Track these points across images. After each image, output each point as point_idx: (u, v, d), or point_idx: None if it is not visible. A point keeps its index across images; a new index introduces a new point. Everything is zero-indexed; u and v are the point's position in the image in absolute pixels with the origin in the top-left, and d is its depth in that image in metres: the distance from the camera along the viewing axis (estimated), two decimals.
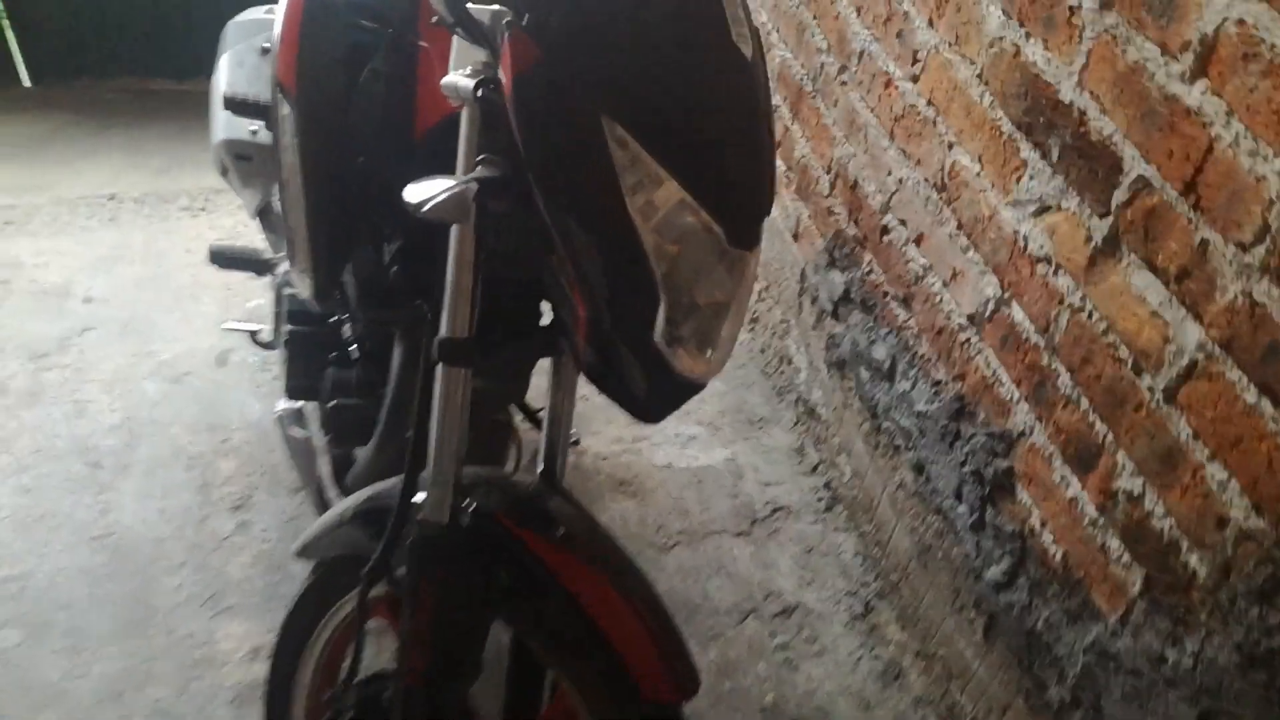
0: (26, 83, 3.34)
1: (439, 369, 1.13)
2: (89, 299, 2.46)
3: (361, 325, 1.56)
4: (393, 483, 1.20)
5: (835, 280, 2.03)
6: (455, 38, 0.98)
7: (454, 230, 1.00)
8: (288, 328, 1.67)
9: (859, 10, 1.86)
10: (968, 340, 1.58)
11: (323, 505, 1.64)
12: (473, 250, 1.06)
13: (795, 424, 2.27)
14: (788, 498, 2.13)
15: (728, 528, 2.06)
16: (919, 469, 1.73)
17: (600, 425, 2.26)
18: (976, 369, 1.55)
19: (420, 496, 1.11)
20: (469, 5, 0.86)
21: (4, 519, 1.94)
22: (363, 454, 1.55)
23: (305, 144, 1.17)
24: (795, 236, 2.21)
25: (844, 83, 1.94)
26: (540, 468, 1.32)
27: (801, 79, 2.11)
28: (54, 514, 1.97)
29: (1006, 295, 1.47)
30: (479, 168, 0.97)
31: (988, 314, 1.52)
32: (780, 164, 2.26)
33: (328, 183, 1.19)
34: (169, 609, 1.81)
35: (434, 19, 0.92)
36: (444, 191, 0.93)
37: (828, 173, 2.04)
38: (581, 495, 2.11)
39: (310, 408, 1.73)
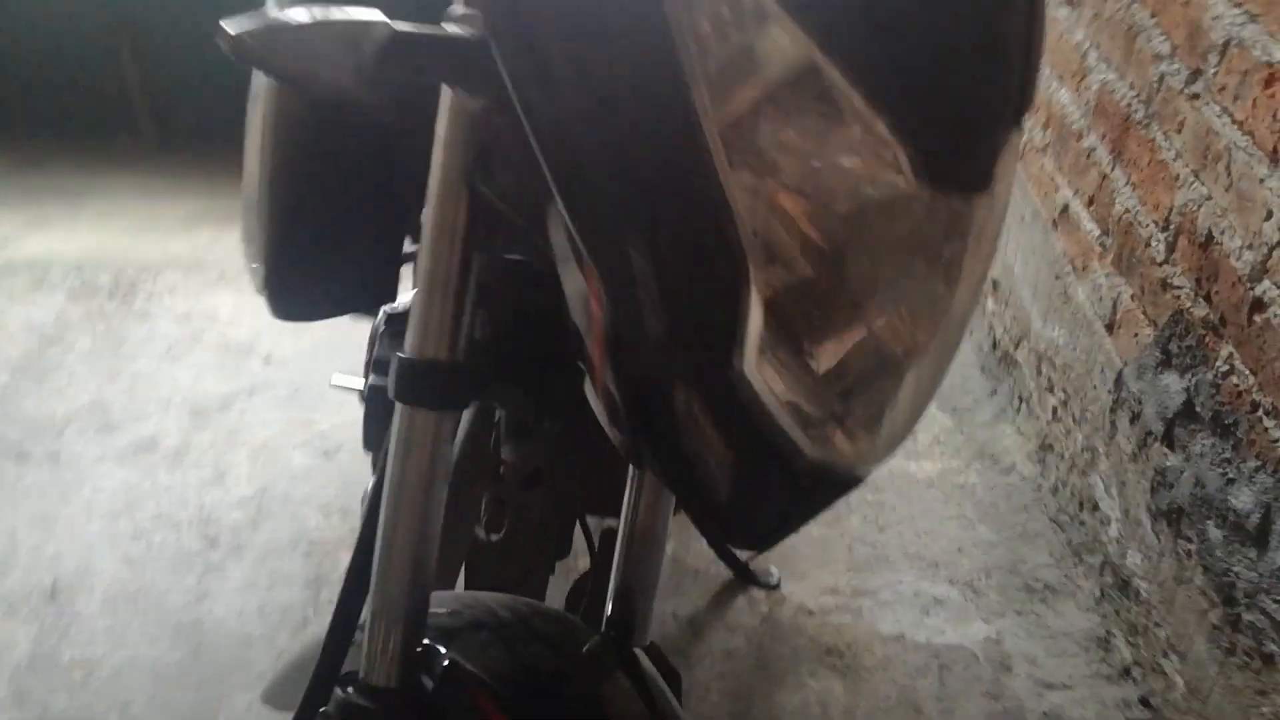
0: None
1: (398, 413, 0.67)
2: (268, 359, 2.25)
3: None
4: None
5: (1171, 387, 1.35)
6: None
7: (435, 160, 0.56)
8: (371, 378, 1.30)
9: None
10: None
11: None
12: (459, 205, 0.61)
13: (1098, 600, 1.56)
14: (1079, 711, 1.42)
15: None
16: None
17: (808, 565, 1.67)
18: None
19: None
20: None
21: (99, 591, 1.68)
22: None
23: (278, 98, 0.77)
24: (1110, 327, 1.54)
25: (1194, 95, 1.31)
26: (608, 612, 0.80)
27: (1129, 104, 1.49)
28: (148, 592, 1.68)
29: None
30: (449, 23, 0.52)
31: None
32: (1092, 225, 1.62)
33: (299, 146, 0.78)
34: None
35: None
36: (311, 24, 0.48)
37: (1164, 229, 1.39)
38: (773, 662, 1.52)
39: None
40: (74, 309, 2.41)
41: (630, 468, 0.79)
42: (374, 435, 1.36)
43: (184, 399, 2.12)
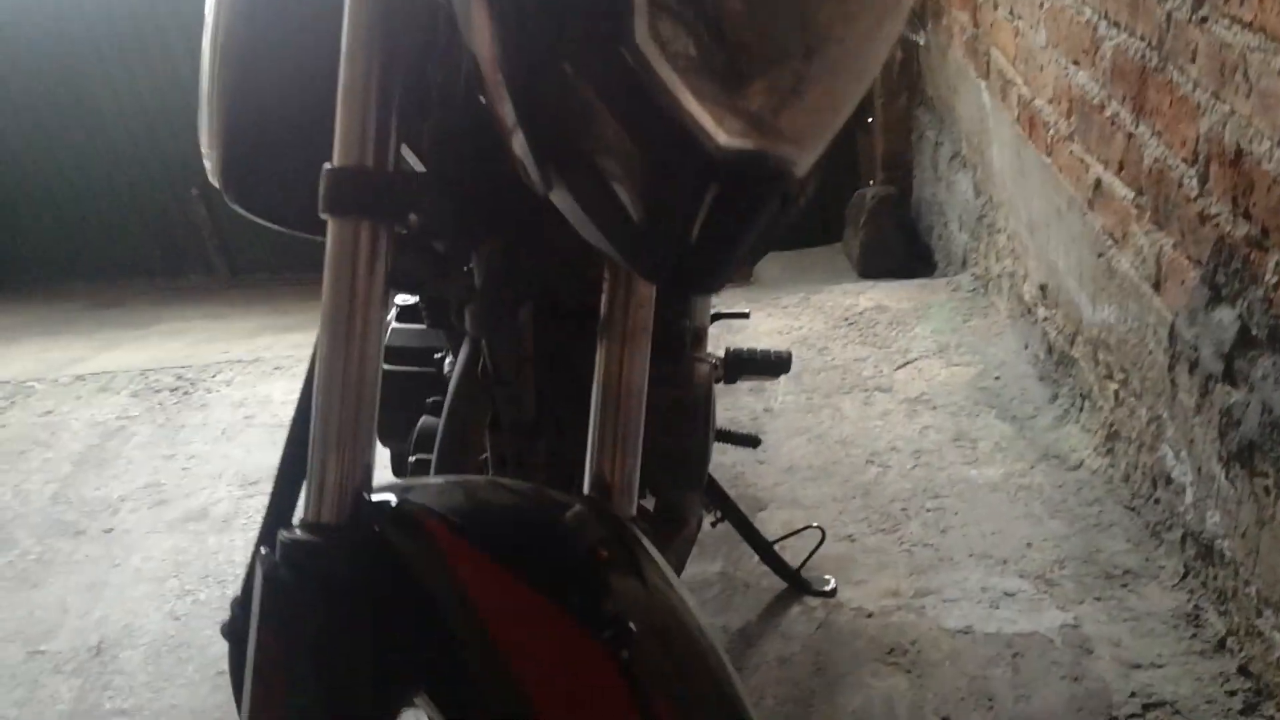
0: None
1: (330, 230, 0.66)
2: None
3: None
4: None
5: (1224, 320, 1.26)
6: None
7: None
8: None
9: None
10: None
11: None
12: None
13: (1183, 577, 1.43)
14: (1172, 689, 1.28)
15: None
16: None
17: (867, 572, 1.57)
18: None
19: None
20: None
21: (143, 646, 1.65)
22: None
23: None
24: (1156, 285, 1.47)
25: (1203, 19, 1.28)
26: (587, 477, 0.75)
27: (1142, 55, 1.46)
28: (190, 644, 1.66)
29: None
30: None
31: None
32: (1125, 190, 1.56)
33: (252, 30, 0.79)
34: None
35: None
36: None
37: (1193, 163, 1.33)
38: (831, 665, 1.42)
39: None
40: (136, 406, 2.48)
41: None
42: (387, 424, 1.33)
43: (235, 472, 2.14)
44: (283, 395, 2.45)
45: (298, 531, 0.62)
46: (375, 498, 0.66)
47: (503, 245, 0.77)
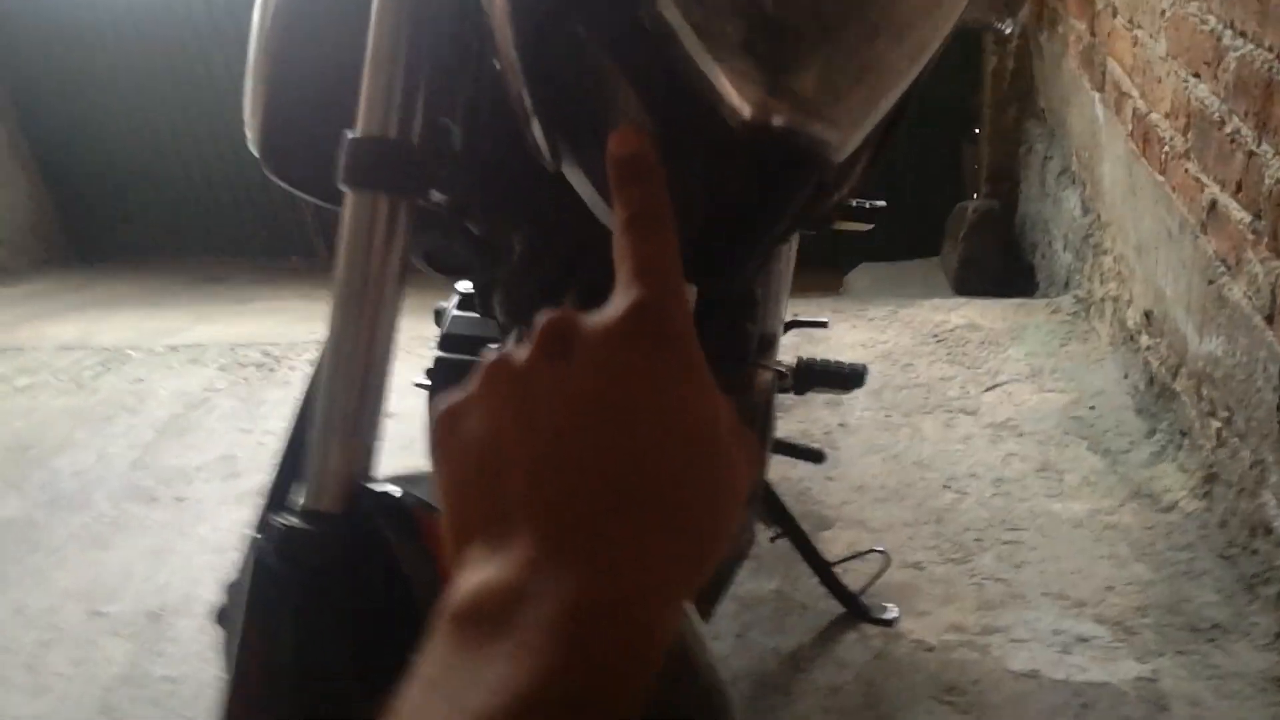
0: None
1: (346, 202, 0.63)
2: (390, 414, 2.27)
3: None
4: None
5: None
6: None
7: None
8: (436, 354, 1.27)
9: None
10: None
11: None
12: None
13: (1277, 636, 1.31)
14: None
15: None
16: None
17: (931, 604, 1.49)
18: None
19: None
20: None
21: (199, 614, 1.67)
22: None
23: None
24: (1269, 319, 1.35)
25: None
26: None
27: (1269, 68, 1.34)
28: None
29: None
30: None
31: None
32: (1241, 214, 1.44)
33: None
34: None
35: None
36: None
37: None
38: (884, 699, 1.34)
39: None
40: (222, 379, 2.53)
41: None
42: None
43: None
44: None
45: (292, 519, 0.60)
46: (378, 488, 0.63)
47: (534, 229, 0.73)
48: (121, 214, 4.06)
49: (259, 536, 0.60)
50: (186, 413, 2.37)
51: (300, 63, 0.75)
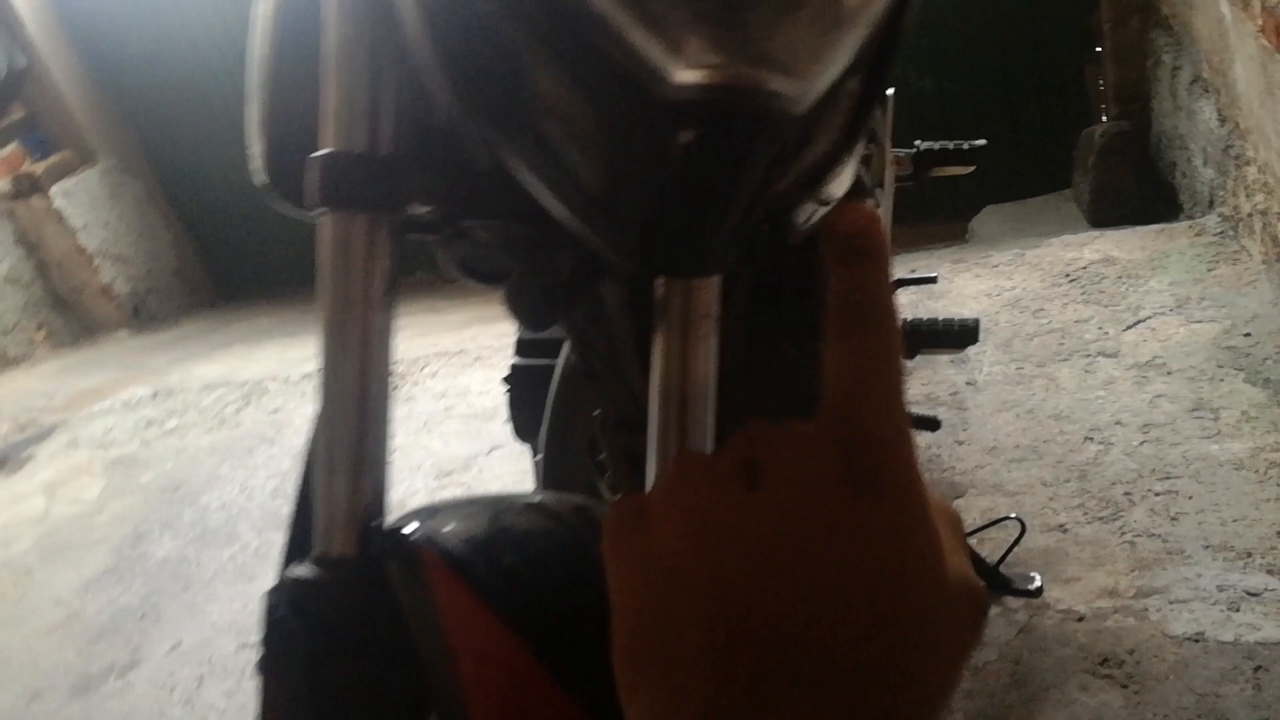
0: None
1: (319, 225, 0.61)
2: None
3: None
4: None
5: None
6: None
7: None
8: (513, 359, 1.26)
9: None
10: None
11: None
12: None
13: None
14: None
15: None
16: None
17: (1079, 568, 1.38)
18: None
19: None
20: None
21: None
22: None
23: None
24: None
25: None
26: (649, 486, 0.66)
27: None
28: None
29: None
30: None
31: None
32: None
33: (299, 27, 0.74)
34: None
35: None
36: None
37: None
38: (1033, 677, 1.25)
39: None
40: None
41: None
42: (524, 422, 1.30)
43: (433, 464, 2.20)
44: (480, 386, 2.51)
45: (304, 568, 0.58)
46: (390, 526, 0.60)
47: (531, 230, 0.69)
48: (257, 251, 4.25)
49: (272, 588, 0.58)
50: None
51: (300, 84, 0.73)
